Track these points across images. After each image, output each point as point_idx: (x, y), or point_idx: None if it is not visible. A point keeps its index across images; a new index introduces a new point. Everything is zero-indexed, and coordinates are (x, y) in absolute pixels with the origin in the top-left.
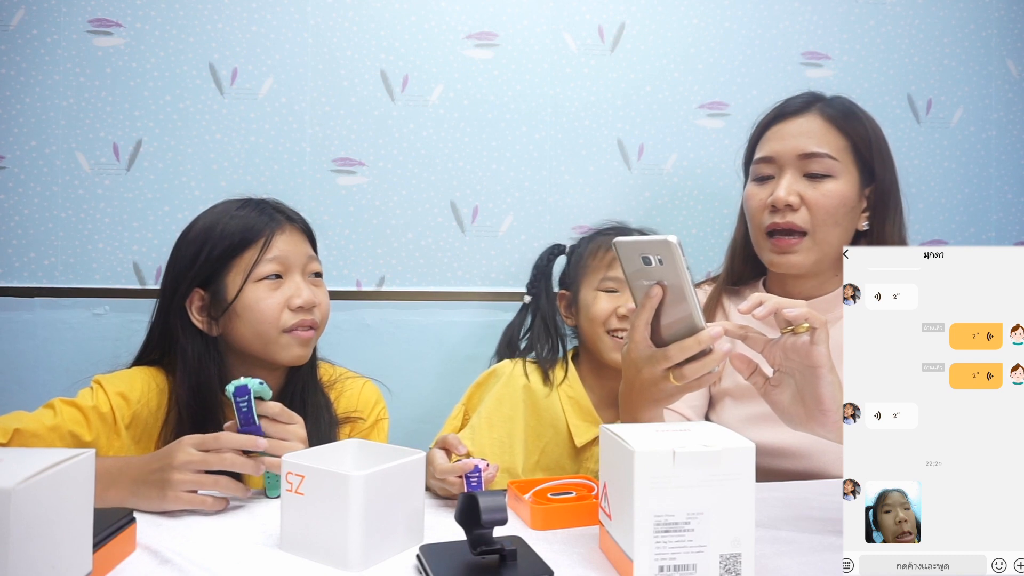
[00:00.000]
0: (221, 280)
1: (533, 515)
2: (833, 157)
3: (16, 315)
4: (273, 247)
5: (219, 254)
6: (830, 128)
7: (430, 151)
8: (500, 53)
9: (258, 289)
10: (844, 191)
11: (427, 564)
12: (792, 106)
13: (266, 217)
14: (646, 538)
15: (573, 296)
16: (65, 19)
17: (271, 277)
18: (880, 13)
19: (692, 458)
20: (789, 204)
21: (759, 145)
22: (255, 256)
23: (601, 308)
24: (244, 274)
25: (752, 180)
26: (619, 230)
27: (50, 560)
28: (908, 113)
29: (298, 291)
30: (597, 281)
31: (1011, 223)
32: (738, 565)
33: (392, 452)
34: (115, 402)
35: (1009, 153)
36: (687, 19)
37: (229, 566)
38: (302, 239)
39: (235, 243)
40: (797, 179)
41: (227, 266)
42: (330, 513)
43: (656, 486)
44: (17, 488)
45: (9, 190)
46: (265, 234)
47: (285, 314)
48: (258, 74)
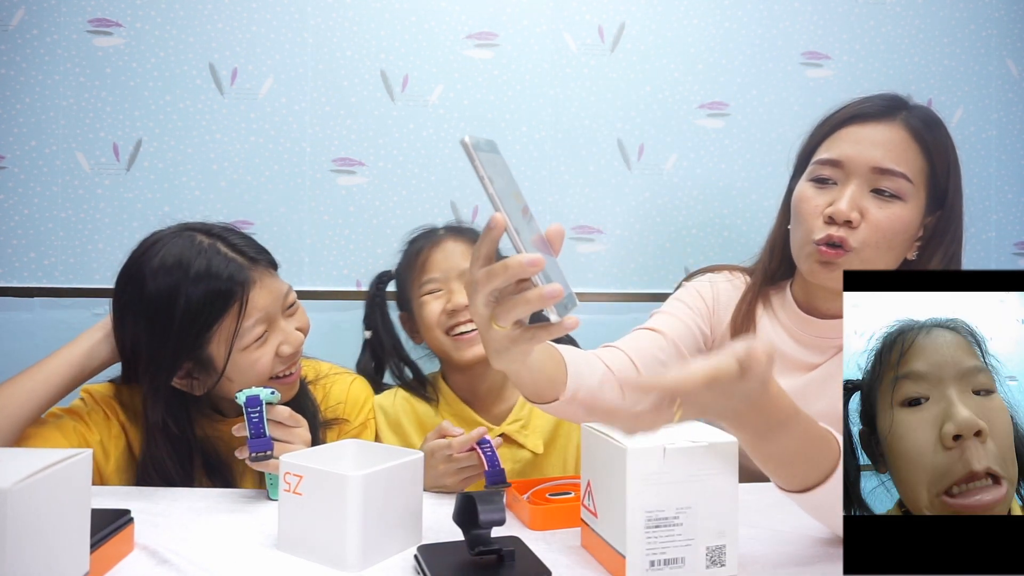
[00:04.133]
0: (203, 350)
1: (531, 515)
2: (908, 179)
3: (16, 315)
4: (250, 309)
5: (195, 333)
6: (912, 144)
7: (430, 151)
8: (500, 53)
9: (245, 355)
10: (909, 218)
11: (425, 564)
12: (873, 108)
13: (227, 277)
14: (638, 534)
15: (410, 314)
16: (65, 19)
17: (256, 340)
18: (880, 13)
19: (681, 454)
20: (849, 221)
21: (826, 142)
22: (234, 325)
23: (430, 312)
24: (227, 345)
25: (808, 179)
26: (427, 235)
27: (47, 560)
28: None
29: (286, 338)
30: (421, 288)
31: (1011, 223)
32: (723, 556)
33: (390, 452)
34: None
35: (1009, 153)
36: (687, 19)
37: (227, 566)
38: (271, 278)
39: (208, 317)
40: (863, 192)
41: (204, 341)
42: (328, 513)
43: (648, 482)
44: (13, 488)
45: (9, 190)
46: (237, 298)
47: (275, 362)
48: (258, 74)
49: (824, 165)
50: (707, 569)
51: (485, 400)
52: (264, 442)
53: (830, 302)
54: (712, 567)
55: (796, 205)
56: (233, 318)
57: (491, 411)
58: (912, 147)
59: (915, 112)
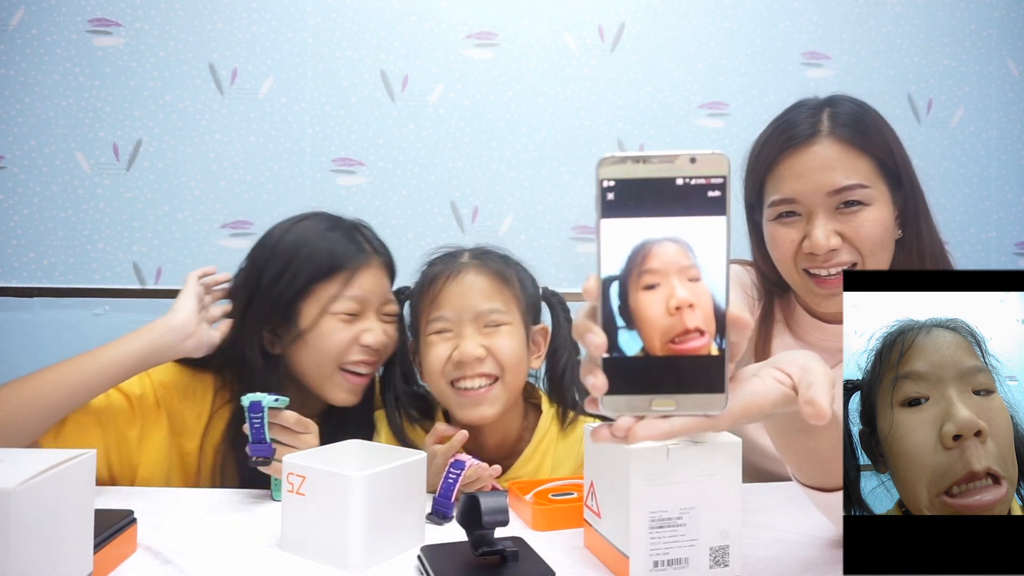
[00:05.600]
0: (295, 304)
1: (534, 516)
2: (864, 185)
3: (16, 315)
4: (355, 283)
5: (303, 280)
6: (850, 151)
7: (430, 151)
8: (500, 53)
9: (331, 321)
10: (884, 216)
11: (428, 565)
12: (799, 131)
13: (354, 247)
14: (641, 534)
15: (416, 348)
16: (65, 19)
17: (347, 314)
18: (880, 13)
19: (685, 453)
20: (832, 250)
21: (770, 181)
22: (337, 290)
23: (435, 356)
24: (321, 305)
25: (773, 220)
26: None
27: (51, 561)
28: (908, 113)
29: (372, 331)
30: (426, 323)
31: (1011, 223)
32: (727, 557)
33: (393, 453)
34: (159, 392)
35: (1009, 153)
36: (687, 19)
37: (230, 566)
38: (383, 276)
39: (320, 270)
40: (831, 217)
41: (306, 292)
42: (331, 513)
43: (651, 482)
44: (18, 489)
45: (9, 190)
46: (351, 267)
47: (353, 349)
48: (258, 74)
49: (780, 204)
50: (710, 569)
51: (494, 455)
52: (264, 447)
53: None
54: (716, 567)
55: (772, 247)
56: (338, 285)
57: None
58: (851, 154)
59: (838, 116)
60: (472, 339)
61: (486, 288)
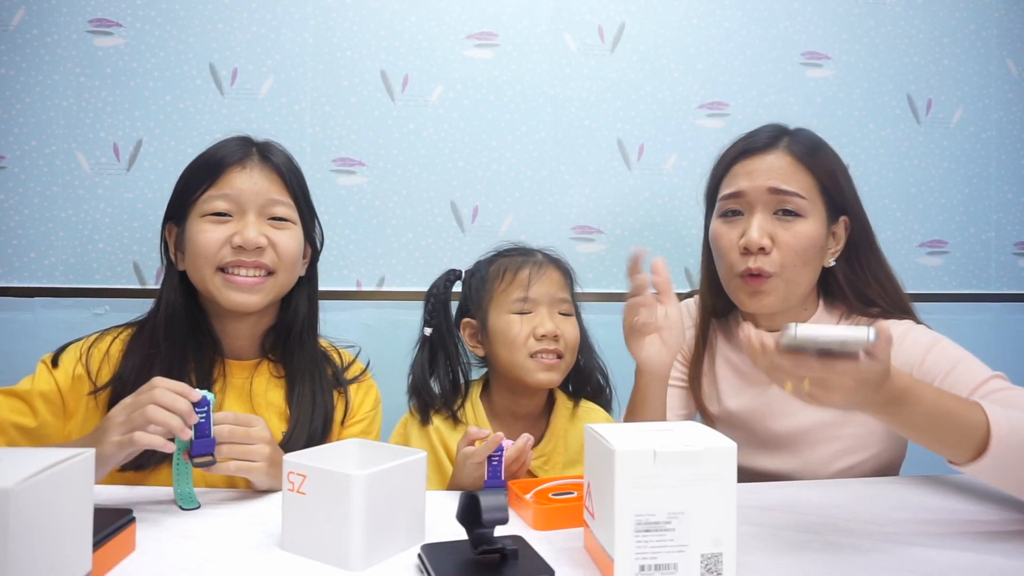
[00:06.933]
0: (183, 213)
1: (534, 515)
2: (802, 196)
3: (16, 315)
4: (225, 183)
5: (183, 185)
6: (798, 166)
7: (430, 151)
8: (500, 53)
9: (202, 222)
10: (815, 231)
11: (428, 563)
12: (759, 141)
13: (235, 150)
14: (627, 537)
15: (481, 323)
16: (65, 19)
17: (217, 215)
18: (880, 13)
19: (673, 458)
20: (762, 247)
21: (725, 180)
22: (206, 191)
23: (519, 332)
24: (198, 209)
25: (719, 216)
26: (525, 253)
27: (50, 560)
28: (908, 113)
29: (243, 232)
30: (508, 304)
31: (1011, 223)
32: (719, 565)
33: (393, 452)
34: (61, 381)
35: (1009, 153)
36: (687, 19)
37: (230, 565)
38: (268, 177)
39: (196, 173)
40: (768, 218)
41: (189, 201)
42: (331, 512)
43: (637, 485)
44: (16, 488)
45: (9, 190)
46: (224, 167)
47: (224, 250)
48: (258, 74)
49: (728, 200)
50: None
51: (518, 424)
52: (208, 442)
53: (771, 320)
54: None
55: (714, 242)
56: (209, 186)
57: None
58: (798, 169)
59: (797, 138)
60: (551, 320)
61: (558, 282)
